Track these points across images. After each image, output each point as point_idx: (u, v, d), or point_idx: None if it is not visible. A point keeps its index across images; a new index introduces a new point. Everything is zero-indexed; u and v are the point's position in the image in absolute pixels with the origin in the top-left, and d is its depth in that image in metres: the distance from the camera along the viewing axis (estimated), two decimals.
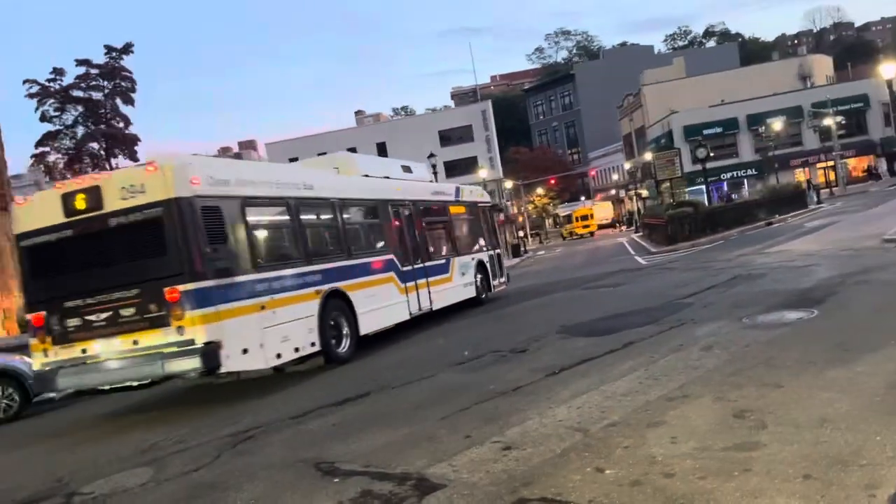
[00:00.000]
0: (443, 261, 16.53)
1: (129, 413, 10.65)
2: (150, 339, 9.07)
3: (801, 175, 58.20)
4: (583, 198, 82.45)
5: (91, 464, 7.43)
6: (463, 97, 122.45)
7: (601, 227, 61.36)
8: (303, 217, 11.82)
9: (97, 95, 24.54)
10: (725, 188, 59.59)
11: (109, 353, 9.31)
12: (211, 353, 8.88)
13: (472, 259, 18.22)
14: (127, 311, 9.18)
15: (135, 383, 9.75)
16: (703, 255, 23.07)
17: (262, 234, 10.99)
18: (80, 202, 9.56)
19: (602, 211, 72.22)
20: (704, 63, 76.66)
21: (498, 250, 20.48)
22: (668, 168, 41.08)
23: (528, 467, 5.08)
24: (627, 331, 10.03)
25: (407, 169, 17.24)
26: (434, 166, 29.77)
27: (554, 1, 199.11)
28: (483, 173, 53.26)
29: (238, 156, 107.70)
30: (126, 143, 25.26)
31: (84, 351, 9.45)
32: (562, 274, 25.58)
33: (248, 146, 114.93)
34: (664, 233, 31.64)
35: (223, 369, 9.16)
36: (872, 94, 58.94)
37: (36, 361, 9.87)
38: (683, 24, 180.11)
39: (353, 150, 73.32)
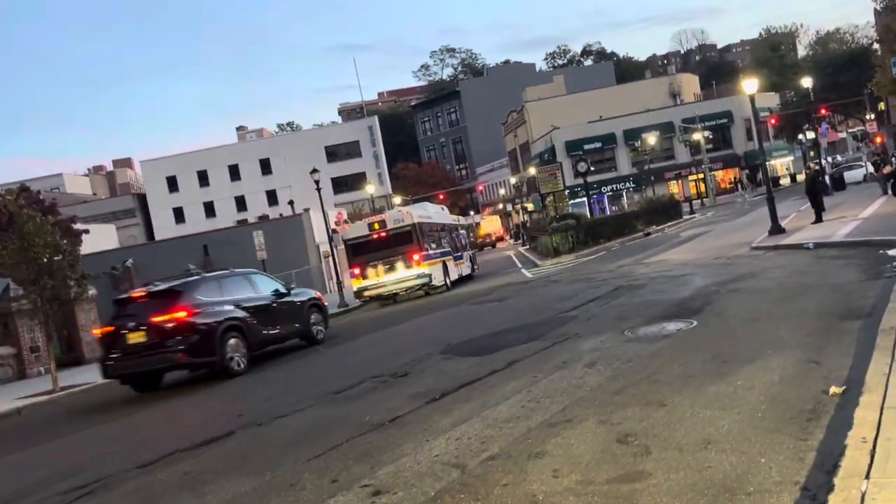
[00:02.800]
0: (459, 253, 29.49)
1: None
2: (407, 273, 23.65)
3: (674, 187, 61.27)
4: (472, 212, 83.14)
5: None
6: (350, 113, 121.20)
7: (485, 244, 61.83)
8: (433, 229, 26.56)
9: None
10: (606, 200, 61.76)
11: (389, 280, 23.81)
12: (430, 276, 23.91)
13: (467, 254, 31.41)
14: (397, 264, 23.68)
15: (397, 290, 23.97)
16: (586, 266, 23.41)
17: (429, 235, 25.55)
18: (376, 225, 24.50)
19: (490, 225, 72.91)
20: (583, 81, 79.55)
21: (474, 251, 34.88)
22: (551, 182, 41.84)
23: None
24: (512, 348, 9.73)
25: (442, 208, 33.27)
26: (318, 182, 28.85)
27: (439, 19, 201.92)
28: (371, 189, 52.51)
29: (112, 174, 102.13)
30: None
31: (378, 280, 23.92)
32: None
33: (124, 164, 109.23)
34: (549, 245, 32.10)
35: (432, 282, 23.97)
36: (735, 111, 63.01)
37: (355, 286, 24.41)
38: (563, 43, 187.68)
39: (234, 167, 71.93)
